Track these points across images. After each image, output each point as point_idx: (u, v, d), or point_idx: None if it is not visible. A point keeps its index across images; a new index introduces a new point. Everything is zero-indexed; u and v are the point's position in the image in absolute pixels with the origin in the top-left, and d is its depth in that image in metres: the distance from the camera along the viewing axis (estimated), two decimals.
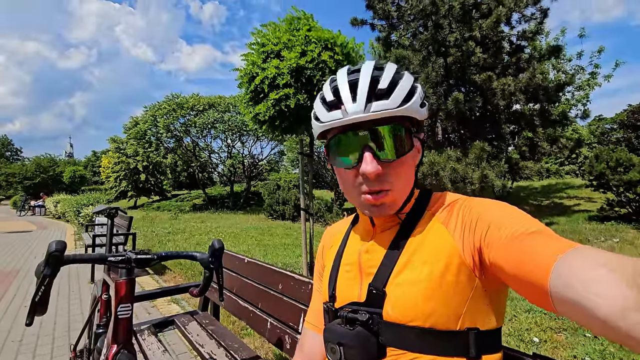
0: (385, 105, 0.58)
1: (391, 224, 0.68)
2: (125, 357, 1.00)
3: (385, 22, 9.80)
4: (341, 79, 0.63)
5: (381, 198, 0.61)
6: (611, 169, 7.24)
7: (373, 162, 0.59)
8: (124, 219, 5.04)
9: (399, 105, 0.59)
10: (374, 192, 0.61)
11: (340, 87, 0.62)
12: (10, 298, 3.87)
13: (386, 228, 0.68)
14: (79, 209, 11.21)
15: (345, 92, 0.61)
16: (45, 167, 33.66)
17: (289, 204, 11.77)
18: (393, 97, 0.59)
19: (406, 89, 0.61)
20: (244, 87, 3.94)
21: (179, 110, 16.58)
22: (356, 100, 0.59)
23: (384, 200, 0.62)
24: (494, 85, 8.09)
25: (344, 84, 0.62)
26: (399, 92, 0.60)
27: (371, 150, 0.59)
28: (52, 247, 0.84)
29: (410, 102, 0.60)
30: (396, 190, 0.62)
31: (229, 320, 2.97)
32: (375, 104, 0.58)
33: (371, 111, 0.58)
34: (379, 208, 0.63)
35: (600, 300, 0.36)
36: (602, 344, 2.43)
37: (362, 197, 0.63)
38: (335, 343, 0.62)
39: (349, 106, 0.59)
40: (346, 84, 0.62)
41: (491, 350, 0.59)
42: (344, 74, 0.64)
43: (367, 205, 0.63)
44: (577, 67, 15.11)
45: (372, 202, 0.62)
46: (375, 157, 0.59)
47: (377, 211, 0.63)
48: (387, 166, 0.61)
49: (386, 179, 0.61)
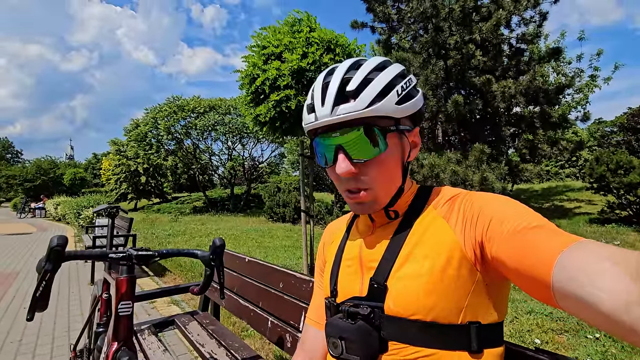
0: (350, 107, 0.58)
1: (390, 219, 0.68)
2: (126, 354, 1.00)
3: (385, 24, 9.84)
4: (318, 81, 0.65)
5: (360, 197, 0.63)
6: (611, 172, 7.23)
7: (345, 163, 0.60)
8: (125, 220, 5.04)
9: (366, 107, 0.58)
10: (352, 191, 0.63)
11: (315, 90, 0.64)
12: (10, 299, 3.86)
13: (386, 223, 0.68)
14: (79, 211, 11.21)
15: (317, 95, 0.63)
16: (46, 169, 33.71)
17: (290, 206, 11.75)
18: (360, 98, 0.58)
19: (378, 89, 0.59)
20: (244, 89, 3.96)
21: (179, 113, 16.60)
22: (324, 104, 0.60)
23: (363, 199, 0.63)
24: (493, 87, 8.11)
25: (318, 87, 0.64)
26: (368, 93, 0.59)
27: (344, 151, 0.61)
28: (54, 242, 0.84)
29: (382, 102, 0.59)
30: (376, 189, 0.63)
31: (230, 321, 2.96)
32: (341, 107, 0.59)
33: (337, 114, 0.59)
34: (361, 206, 0.65)
35: (603, 294, 0.36)
36: (604, 345, 2.42)
37: (344, 195, 0.66)
38: (337, 337, 0.62)
39: (318, 110, 0.61)
40: (320, 87, 0.63)
41: (493, 344, 0.58)
42: (322, 77, 0.65)
43: (351, 203, 0.66)
44: (577, 69, 15.14)
45: (355, 200, 0.64)
46: (348, 157, 0.61)
47: (360, 209, 0.65)
48: (362, 166, 0.61)
49: (362, 178, 0.62)
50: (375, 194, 0.63)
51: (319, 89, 0.63)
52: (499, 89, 8.04)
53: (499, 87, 8.05)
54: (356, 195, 0.63)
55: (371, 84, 0.60)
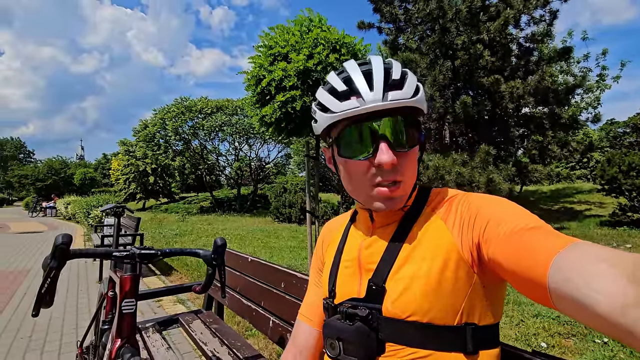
0: (401, 95, 0.59)
1: (390, 220, 0.68)
2: (129, 350, 1.02)
3: (392, 25, 9.82)
4: (352, 69, 0.62)
5: (395, 190, 0.61)
6: (623, 173, 7.10)
7: (389, 152, 0.58)
8: (132, 219, 5.11)
9: (412, 96, 0.60)
10: (388, 184, 0.60)
11: (354, 76, 0.61)
12: (21, 296, 3.94)
13: (385, 224, 0.68)
14: (89, 210, 11.38)
15: (360, 81, 0.60)
16: (57, 169, 34.34)
17: (295, 206, 11.78)
18: (406, 87, 0.60)
19: (415, 82, 0.62)
20: (250, 90, 3.98)
21: (187, 113, 16.76)
22: (373, 89, 0.58)
23: (397, 193, 0.61)
24: (502, 88, 8.02)
25: (357, 74, 0.61)
26: (411, 83, 0.61)
27: (387, 140, 0.59)
28: (59, 240, 0.86)
29: (420, 94, 0.61)
30: (406, 183, 0.62)
31: (234, 320, 2.98)
32: (392, 93, 0.59)
33: (389, 100, 0.58)
34: (392, 201, 0.62)
35: (599, 296, 0.36)
36: (612, 350, 2.38)
37: (375, 189, 0.61)
38: (335, 338, 0.63)
39: (366, 95, 0.58)
40: (360, 74, 0.61)
41: (489, 346, 0.59)
42: (355, 65, 0.63)
43: (380, 198, 0.62)
44: (584, 69, 14.89)
45: (386, 195, 0.61)
46: (391, 147, 0.59)
47: (390, 204, 0.62)
48: (401, 157, 0.60)
49: (399, 169, 0.60)
50: (406, 187, 0.63)
51: (358, 75, 0.60)
52: (508, 90, 7.95)
53: (508, 88, 7.95)
54: (387, 189, 0.60)
55: (409, 76, 0.62)
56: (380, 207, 0.63)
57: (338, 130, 0.64)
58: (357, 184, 0.64)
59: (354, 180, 0.64)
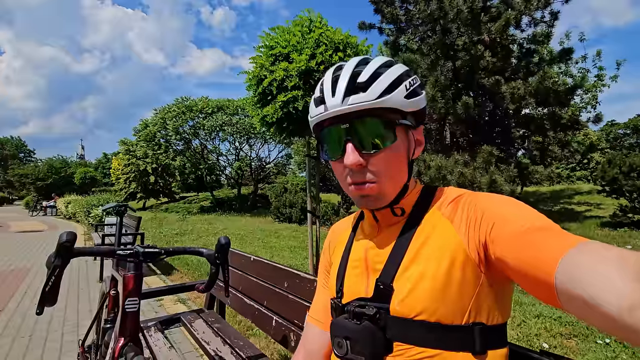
0: (361, 98, 0.59)
1: (395, 219, 0.68)
2: (132, 349, 1.02)
3: (393, 26, 9.80)
4: (327, 75, 0.66)
5: (366, 190, 0.62)
6: (624, 175, 7.09)
7: (354, 154, 0.60)
8: (133, 219, 5.11)
9: (376, 98, 0.59)
10: (358, 183, 0.63)
11: (325, 83, 0.65)
12: (21, 295, 3.94)
13: (391, 224, 0.68)
14: (89, 210, 11.37)
15: (327, 87, 0.63)
16: (57, 168, 34.34)
17: (296, 206, 11.77)
18: (371, 90, 0.60)
19: (387, 82, 0.61)
20: (252, 90, 3.98)
21: (188, 113, 16.78)
22: (335, 95, 0.61)
23: (369, 192, 0.62)
24: (503, 89, 8.01)
25: (328, 80, 0.64)
26: (379, 85, 0.60)
27: (352, 142, 0.61)
28: (63, 237, 0.86)
29: (392, 94, 0.60)
30: (382, 182, 0.62)
31: (235, 320, 2.98)
32: (352, 97, 0.60)
33: (348, 104, 0.60)
34: (366, 199, 0.64)
35: (607, 296, 0.35)
36: (614, 351, 2.37)
37: (350, 188, 0.64)
38: (342, 337, 0.63)
39: (328, 101, 0.62)
40: (329, 80, 0.64)
41: (496, 346, 0.58)
42: (331, 71, 0.66)
43: (354, 196, 0.65)
44: (582, 69, 14.92)
45: (357, 193, 0.63)
46: (357, 148, 0.61)
47: (365, 202, 0.65)
48: (370, 158, 0.61)
49: (370, 170, 0.62)
50: (382, 187, 0.63)
51: (328, 81, 0.64)
52: (509, 90, 7.95)
53: (509, 88, 7.95)
54: (362, 187, 0.62)
55: (381, 77, 0.61)
56: (359, 204, 0.67)
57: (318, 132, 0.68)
58: (340, 183, 0.67)
59: (338, 178, 0.68)
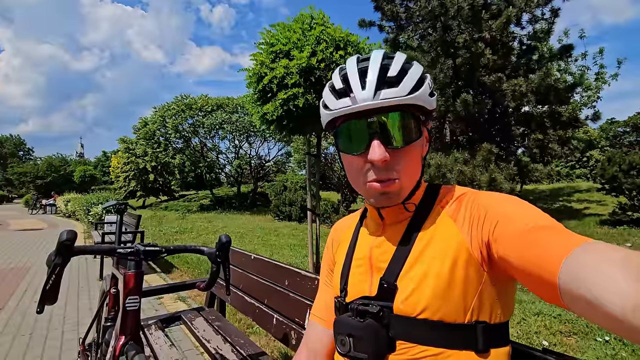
0: (394, 93, 0.58)
1: (400, 217, 0.68)
2: (133, 347, 1.01)
3: (393, 23, 9.77)
4: (351, 67, 0.63)
5: (388, 186, 0.61)
6: (624, 172, 7.10)
7: (381, 149, 0.58)
8: (133, 217, 5.11)
9: (408, 94, 0.59)
10: (381, 180, 0.60)
11: (350, 75, 0.61)
12: (21, 294, 3.94)
13: (395, 222, 0.68)
14: (89, 208, 11.36)
15: (354, 79, 0.60)
16: (57, 166, 34.29)
17: (296, 205, 11.77)
18: (402, 85, 0.59)
19: (415, 78, 0.61)
20: (252, 87, 3.97)
21: (187, 111, 16.74)
22: (365, 88, 0.59)
23: (391, 188, 0.61)
24: (503, 86, 8.00)
25: (353, 72, 0.61)
26: (408, 81, 0.60)
27: (379, 138, 0.59)
28: (63, 236, 0.86)
29: (420, 91, 0.60)
30: (403, 179, 0.62)
31: (235, 318, 2.98)
32: (384, 91, 0.58)
33: (380, 99, 0.58)
34: (386, 196, 0.62)
35: (610, 296, 0.35)
36: (614, 348, 2.38)
37: (368, 184, 0.62)
38: (345, 335, 0.63)
39: (358, 94, 0.59)
40: (356, 71, 0.61)
41: (499, 344, 0.58)
42: (354, 62, 0.63)
43: (373, 193, 0.62)
44: (583, 67, 14.91)
45: (378, 190, 0.61)
46: (383, 144, 0.59)
47: (384, 200, 0.63)
48: (395, 154, 0.60)
49: (393, 167, 0.60)
50: (403, 184, 0.62)
51: (354, 73, 0.61)
52: (509, 88, 7.93)
53: (509, 86, 7.94)
54: (379, 184, 0.60)
55: (409, 73, 0.61)
56: (375, 202, 0.64)
57: (337, 125, 0.65)
58: (354, 179, 0.65)
59: (352, 174, 0.65)
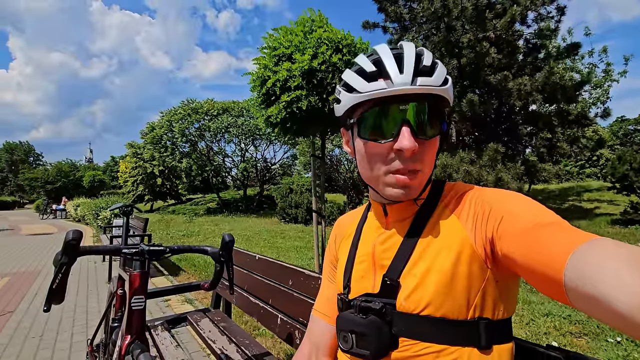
0: (430, 81, 0.57)
1: (404, 215, 0.67)
2: (138, 347, 1.02)
3: (397, 24, 9.77)
4: (384, 52, 0.61)
5: (409, 179, 0.59)
6: (635, 171, 6.98)
7: (411, 138, 0.56)
8: (140, 220, 5.16)
9: (441, 84, 0.59)
10: (407, 172, 0.59)
11: (385, 59, 0.59)
12: (32, 297, 4.00)
13: (399, 219, 0.68)
14: (98, 212, 11.50)
15: (390, 64, 0.58)
16: (66, 172, 34.78)
17: (302, 207, 11.77)
18: (436, 75, 0.58)
19: (444, 72, 0.60)
20: (256, 91, 4.00)
21: (193, 115, 16.90)
22: (403, 72, 0.57)
23: (413, 182, 0.59)
24: (509, 85, 7.93)
25: (387, 56, 0.60)
26: (440, 72, 0.59)
27: (410, 126, 0.57)
28: (69, 236, 0.87)
29: (448, 85, 0.60)
30: (424, 173, 0.61)
31: (241, 320, 2.99)
32: (421, 79, 0.57)
33: (418, 84, 0.57)
34: (408, 189, 0.60)
35: (617, 293, 0.35)
36: (626, 349, 2.33)
37: (391, 176, 0.60)
38: (348, 331, 0.63)
39: (395, 77, 0.57)
40: (391, 56, 0.59)
41: (502, 340, 0.58)
42: (385, 48, 0.62)
43: (396, 185, 0.60)
44: (590, 65, 14.71)
45: (403, 182, 0.59)
46: (413, 133, 0.57)
47: (405, 193, 0.60)
48: (422, 145, 0.59)
49: (419, 158, 0.59)
50: (423, 178, 0.61)
51: (389, 57, 0.59)
52: (515, 87, 7.86)
53: (515, 85, 7.86)
54: (405, 178, 0.58)
55: (439, 65, 0.61)
56: (394, 194, 0.61)
57: (362, 110, 0.62)
58: (373, 169, 0.62)
59: (370, 164, 0.62)
